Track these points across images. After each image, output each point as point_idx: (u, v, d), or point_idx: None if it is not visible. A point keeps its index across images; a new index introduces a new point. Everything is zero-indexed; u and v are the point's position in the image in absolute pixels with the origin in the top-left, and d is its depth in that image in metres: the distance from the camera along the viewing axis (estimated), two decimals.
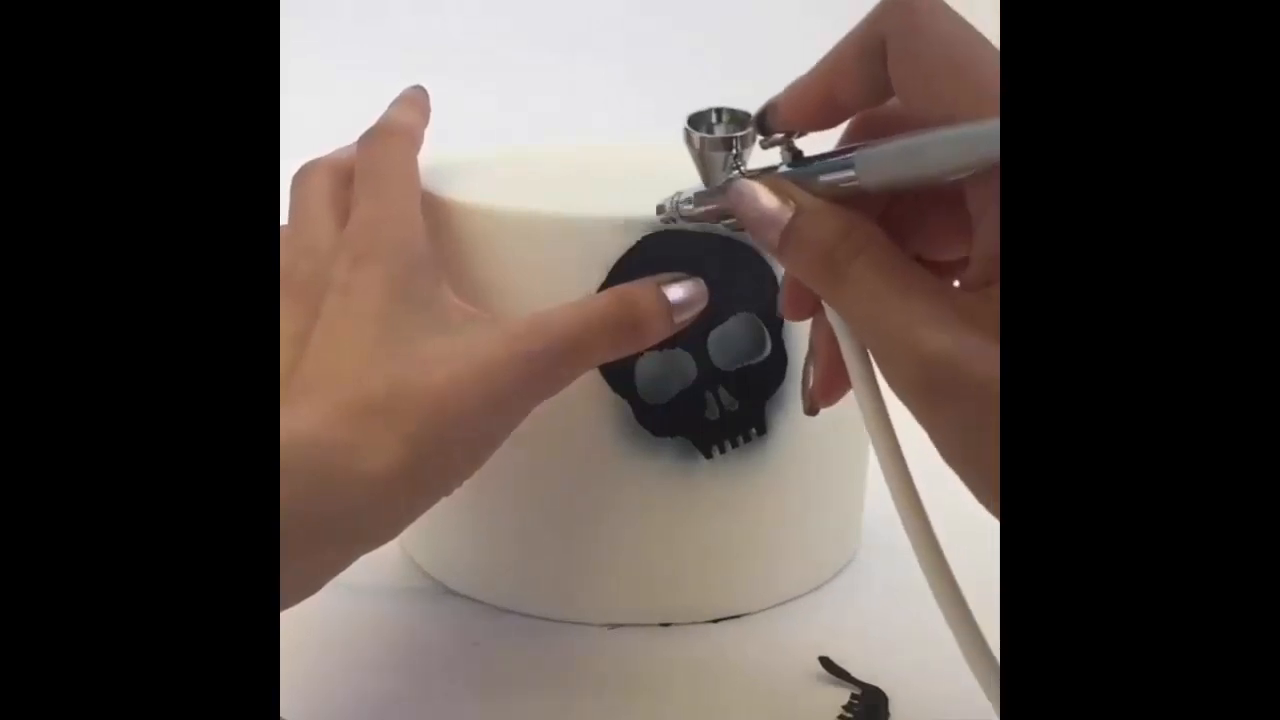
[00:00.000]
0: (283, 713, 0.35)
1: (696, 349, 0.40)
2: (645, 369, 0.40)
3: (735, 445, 0.41)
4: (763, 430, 0.41)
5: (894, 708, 0.38)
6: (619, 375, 0.40)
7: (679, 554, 0.42)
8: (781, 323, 0.40)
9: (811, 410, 0.36)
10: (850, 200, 0.30)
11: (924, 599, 0.45)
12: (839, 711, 0.38)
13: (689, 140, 0.34)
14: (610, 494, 0.41)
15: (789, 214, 0.31)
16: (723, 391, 0.40)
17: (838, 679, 0.39)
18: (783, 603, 0.44)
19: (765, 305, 0.40)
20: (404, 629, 0.43)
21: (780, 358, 0.41)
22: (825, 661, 0.40)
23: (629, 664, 0.41)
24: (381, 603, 0.44)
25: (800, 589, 0.45)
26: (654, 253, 0.38)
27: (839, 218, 0.30)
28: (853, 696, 0.38)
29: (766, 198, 0.31)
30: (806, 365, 0.35)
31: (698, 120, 0.34)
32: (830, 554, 0.46)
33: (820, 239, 0.30)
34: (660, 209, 0.37)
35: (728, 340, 0.40)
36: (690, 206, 0.36)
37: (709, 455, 0.41)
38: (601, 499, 0.41)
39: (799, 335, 0.41)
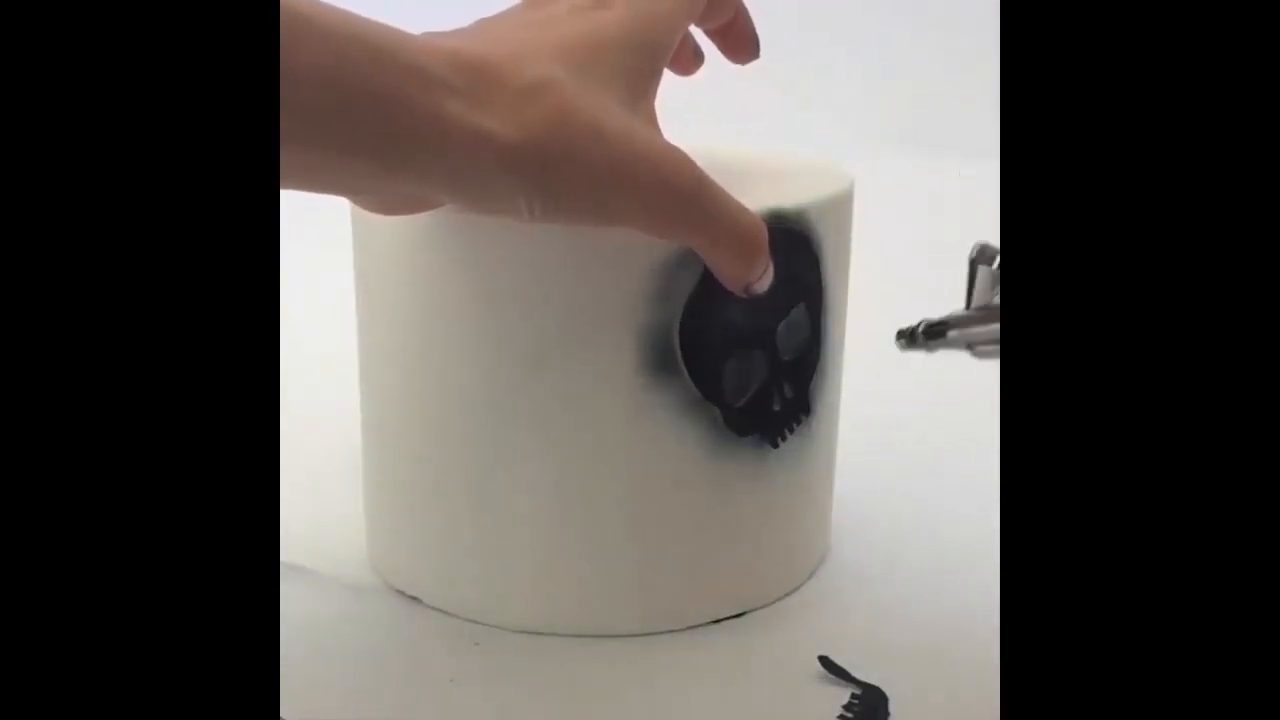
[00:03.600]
0: (282, 713, 0.35)
1: (768, 345, 0.41)
2: (730, 372, 0.40)
3: (792, 431, 0.42)
4: (809, 412, 0.43)
5: (894, 708, 0.38)
6: (708, 381, 0.40)
7: (756, 542, 0.43)
8: (821, 306, 0.42)
9: None
10: None
11: (925, 599, 0.45)
12: (839, 711, 0.38)
13: (979, 260, 0.34)
14: (694, 499, 0.41)
15: None
16: (784, 382, 0.42)
17: (838, 679, 0.39)
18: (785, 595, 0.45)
19: (813, 293, 0.41)
20: (406, 628, 0.43)
21: (816, 339, 0.42)
22: (825, 661, 0.40)
23: (630, 664, 0.41)
24: (385, 602, 0.44)
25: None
26: None
27: None
28: (853, 696, 0.38)
29: None
30: None
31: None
32: None
33: None
34: (903, 335, 0.36)
35: (791, 332, 0.41)
36: (960, 329, 0.35)
37: (775, 445, 0.42)
38: (686, 505, 0.41)
39: (832, 316, 0.43)
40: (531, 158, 0.33)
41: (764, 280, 0.38)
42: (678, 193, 0.35)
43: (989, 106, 0.45)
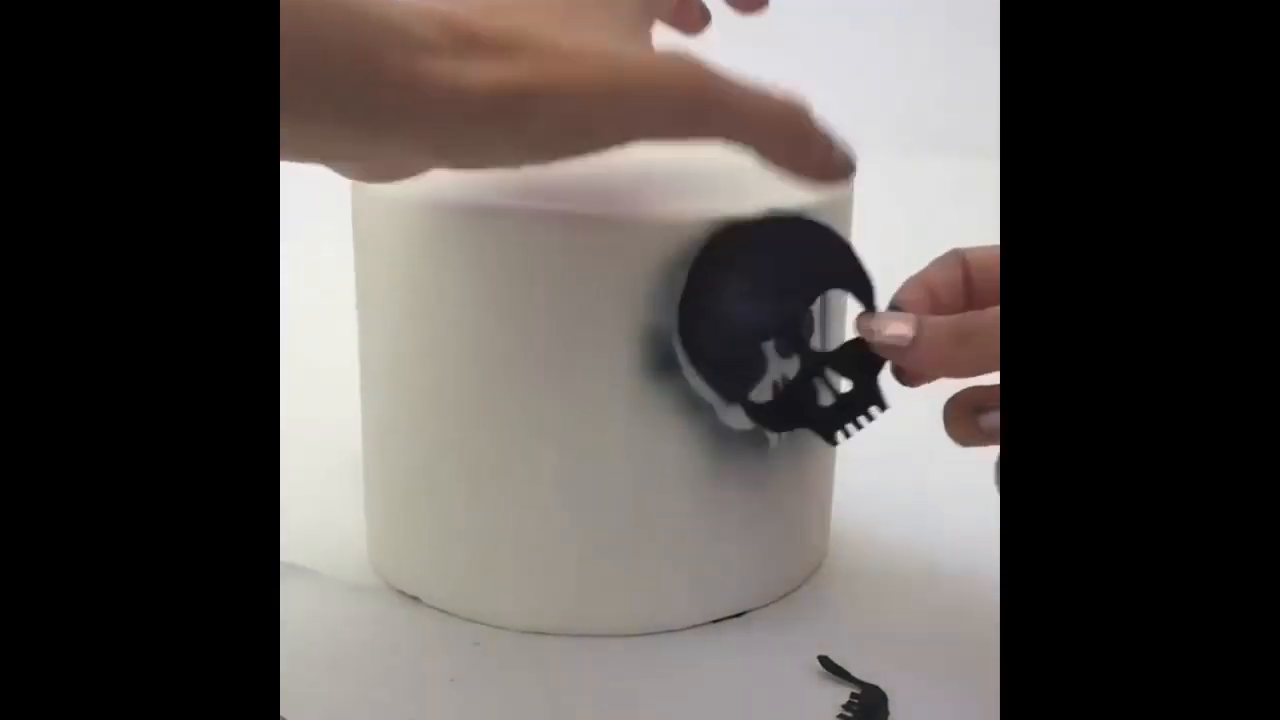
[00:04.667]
0: (282, 713, 0.35)
1: (790, 337, 0.40)
2: (743, 366, 0.40)
3: (859, 426, 0.41)
4: (883, 406, 0.41)
5: (893, 707, 0.38)
6: (719, 377, 0.40)
7: (756, 542, 0.43)
8: (872, 295, 0.41)
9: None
10: None
11: (924, 600, 0.45)
12: (839, 711, 0.38)
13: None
14: (694, 499, 0.41)
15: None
16: (830, 374, 0.41)
17: (838, 678, 0.39)
18: (787, 594, 0.45)
19: (856, 279, 0.41)
20: (406, 628, 0.43)
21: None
22: (825, 661, 0.40)
23: (630, 664, 0.41)
24: (385, 602, 0.44)
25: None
26: (726, 245, 0.38)
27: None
28: (852, 696, 0.38)
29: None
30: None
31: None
32: None
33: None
34: None
35: (821, 322, 0.41)
36: None
37: (834, 441, 0.41)
38: (686, 505, 0.41)
39: (832, 315, 0.42)
40: (513, 106, 0.33)
41: (833, 157, 0.37)
42: (679, 97, 0.35)
43: (989, 106, 0.45)
